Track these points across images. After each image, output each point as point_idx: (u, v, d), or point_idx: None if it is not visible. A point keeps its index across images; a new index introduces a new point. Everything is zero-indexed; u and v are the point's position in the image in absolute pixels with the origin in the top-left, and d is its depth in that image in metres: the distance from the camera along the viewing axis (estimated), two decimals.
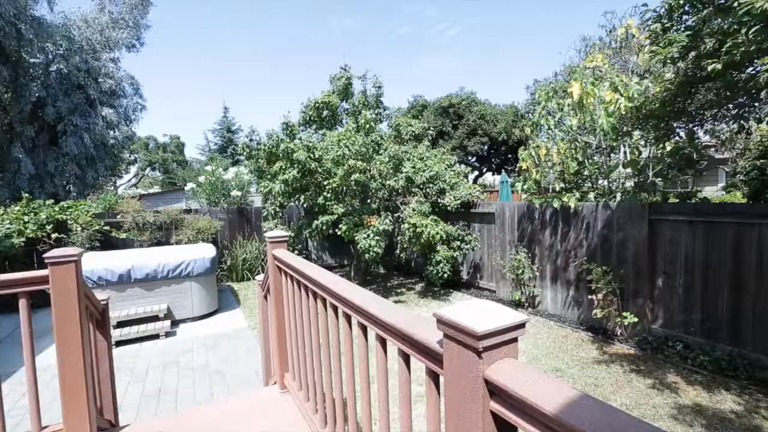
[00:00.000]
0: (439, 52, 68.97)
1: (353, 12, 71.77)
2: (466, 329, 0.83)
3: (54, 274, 1.93)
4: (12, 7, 11.35)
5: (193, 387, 4.25)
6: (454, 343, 0.88)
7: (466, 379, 0.87)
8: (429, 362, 1.04)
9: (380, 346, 1.31)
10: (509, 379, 0.78)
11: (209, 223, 8.54)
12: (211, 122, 49.26)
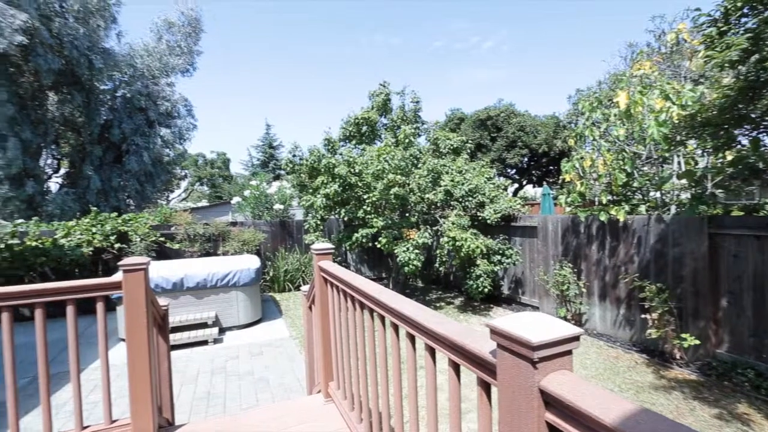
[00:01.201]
0: (475, 64, 68.78)
1: (389, 28, 73.45)
2: (520, 340, 0.84)
3: (126, 280, 2.13)
4: (86, 41, 12.67)
5: (240, 392, 4.41)
6: (507, 353, 0.90)
7: (520, 390, 0.88)
8: (481, 372, 1.06)
9: (429, 356, 1.33)
10: (566, 390, 0.79)
11: (253, 236, 8.92)
12: (254, 139, 51.76)
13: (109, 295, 2.25)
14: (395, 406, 1.65)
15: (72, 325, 2.12)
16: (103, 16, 13.85)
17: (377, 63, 78.45)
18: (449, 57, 71.18)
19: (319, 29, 75.66)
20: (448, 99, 79.91)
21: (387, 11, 68.70)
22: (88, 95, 13.45)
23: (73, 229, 8.42)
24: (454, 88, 71.10)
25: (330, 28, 74.70)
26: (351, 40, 78.06)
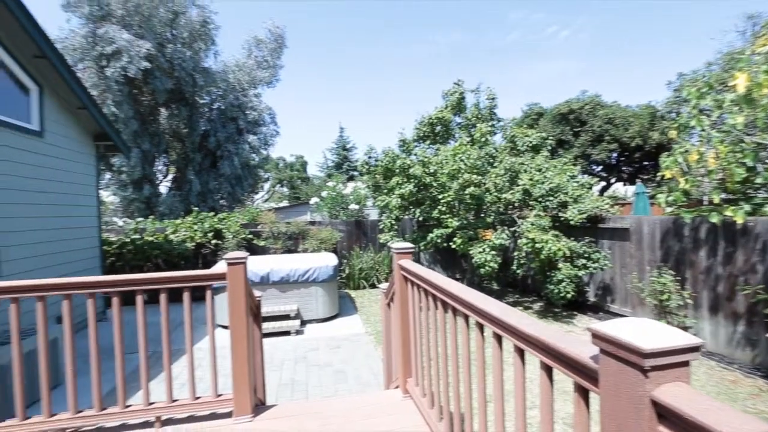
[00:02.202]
0: (552, 56, 64.32)
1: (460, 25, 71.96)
2: (629, 346, 0.79)
3: (230, 272, 2.40)
4: (191, 62, 14.38)
5: (320, 381, 4.68)
6: (612, 359, 0.85)
7: (627, 399, 0.83)
8: (579, 377, 1.01)
9: (518, 357, 1.31)
10: (686, 404, 0.73)
11: (330, 234, 9.38)
12: (329, 141, 54.35)
13: (213, 285, 2.55)
14: (479, 406, 1.64)
15: (188, 309, 2.44)
16: (203, 39, 15.65)
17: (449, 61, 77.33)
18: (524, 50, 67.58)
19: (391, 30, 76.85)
20: (524, 94, 76.01)
21: (458, 7, 67.36)
22: (191, 109, 15.28)
23: (180, 227, 9.63)
24: (530, 83, 67.31)
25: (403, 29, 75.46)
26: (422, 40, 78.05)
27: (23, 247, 5.47)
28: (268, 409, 2.66)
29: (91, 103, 6.86)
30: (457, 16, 66.81)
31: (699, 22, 44.94)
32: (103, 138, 7.61)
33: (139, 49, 12.44)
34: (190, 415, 2.55)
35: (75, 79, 6.43)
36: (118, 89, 12.87)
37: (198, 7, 15.36)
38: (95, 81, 12.61)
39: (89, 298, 2.32)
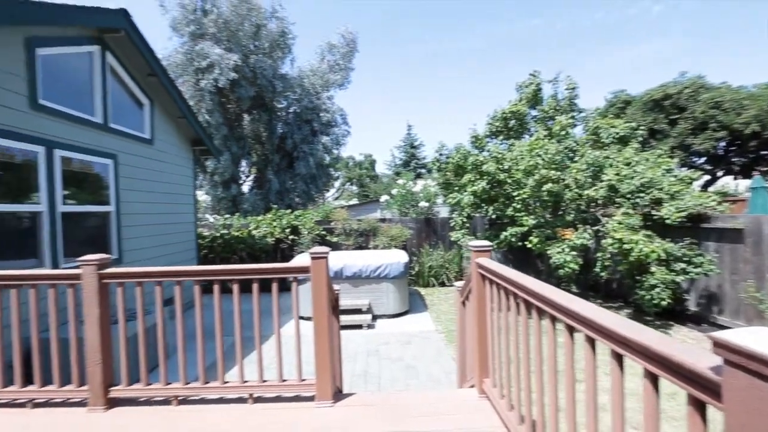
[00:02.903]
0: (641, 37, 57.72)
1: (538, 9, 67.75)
2: (765, 358, 0.71)
3: (314, 265, 2.56)
4: (271, 70, 15.45)
5: (392, 375, 4.78)
6: (742, 372, 0.77)
7: (760, 416, 0.74)
8: (694, 389, 0.92)
9: (615, 364, 1.22)
10: None
11: (400, 232, 9.49)
12: (396, 140, 54.81)
13: (290, 277, 2.74)
14: (567, 413, 1.56)
15: (276, 297, 2.65)
16: (281, 48, 16.72)
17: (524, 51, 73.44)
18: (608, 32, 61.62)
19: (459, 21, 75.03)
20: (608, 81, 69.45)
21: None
22: (270, 114, 16.43)
23: (261, 223, 10.44)
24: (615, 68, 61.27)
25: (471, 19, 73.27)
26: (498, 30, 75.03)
27: (139, 239, 6.36)
28: (346, 397, 2.79)
29: (189, 112, 7.73)
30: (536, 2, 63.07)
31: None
32: (199, 143, 8.52)
33: (228, 62, 13.69)
34: (277, 396, 2.77)
35: (177, 92, 7.29)
36: (210, 99, 14.31)
37: (277, 19, 16.44)
38: (192, 93, 14.15)
39: (195, 285, 2.64)
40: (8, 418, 2.60)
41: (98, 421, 2.54)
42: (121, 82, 6.18)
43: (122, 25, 5.71)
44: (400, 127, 49.58)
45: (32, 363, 2.72)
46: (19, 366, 2.75)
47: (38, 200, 4.53)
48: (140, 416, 2.59)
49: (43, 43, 4.63)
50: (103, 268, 2.63)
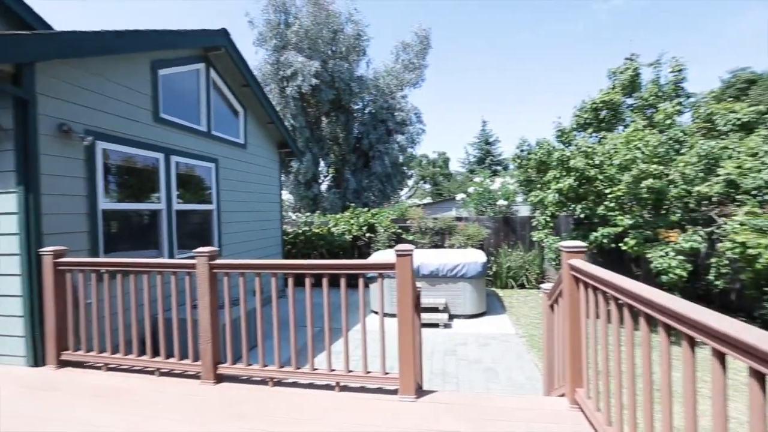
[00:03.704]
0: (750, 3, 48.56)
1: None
2: None
3: (399, 262, 2.62)
4: (348, 73, 16.05)
5: (470, 377, 4.69)
6: None
7: None
8: None
9: (755, 384, 1.07)
10: None
11: (477, 231, 9.25)
12: (470, 136, 53.36)
13: (376, 273, 2.82)
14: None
15: (362, 292, 2.77)
16: (357, 51, 17.28)
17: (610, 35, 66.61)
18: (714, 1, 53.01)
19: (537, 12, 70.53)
20: (723, 58, 59.89)
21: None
22: (347, 115, 17.09)
23: (340, 221, 10.91)
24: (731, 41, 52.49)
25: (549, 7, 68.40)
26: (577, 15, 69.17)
27: (235, 234, 7.05)
28: (428, 394, 2.81)
29: (277, 118, 8.35)
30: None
31: None
32: (284, 146, 9.17)
33: (309, 69, 14.55)
34: (362, 386, 2.89)
35: (267, 100, 7.93)
36: (294, 104, 15.33)
37: (353, 22, 17.03)
38: (278, 99, 15.28)
39: (289, 278, 2.86)
40: (141, 382, 3.08)
41: (209, 393, 2.89)
42: (220, 94, 6.90)
43: (223, 43, 6.37)
44: (475, 123, 48.12)
45: (158, 338, 3.19)
46: (150, 340, 3.24)
47: (159, 200, 5.27)
48: (242, 392, 2.88)
49: (163, 64, 5.36)
50: (213, 259, 2.97)
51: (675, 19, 61.19)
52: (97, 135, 4.24)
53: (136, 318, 3.27)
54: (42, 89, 3.68)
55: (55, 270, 3.40)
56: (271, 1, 15.76)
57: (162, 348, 3.19)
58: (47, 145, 3.70)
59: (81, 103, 4.10)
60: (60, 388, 3.06)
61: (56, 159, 3.80)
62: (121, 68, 4.65)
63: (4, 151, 3.57)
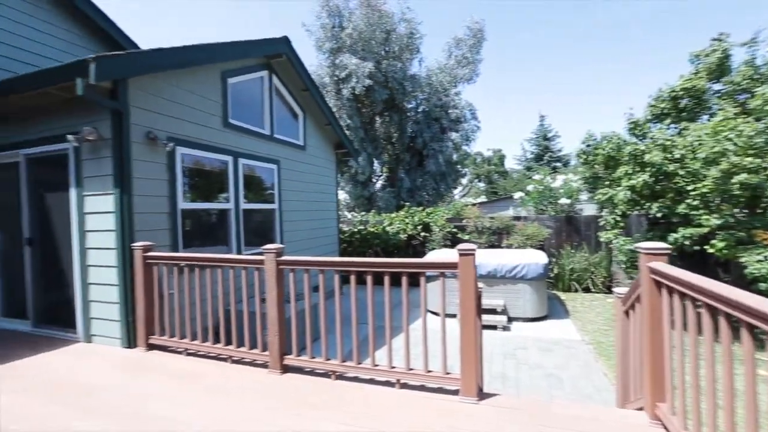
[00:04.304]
0: None
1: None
2: None
3: (462, 262, 2.58)
4: (401, 73, 16.10)
5: (531, 382, 4.50)
6: None
7: None
8: None
9: None
10: None
11: (537, 231, 8.83)
12: (527, 132, 50.98)
13: (437, 273, 2.80)
14: None
15: (423, 291, 2.76)
16: (410, 50, 17.26)
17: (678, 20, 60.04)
18: None
19: None
20: None
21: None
22: (401, 115, 17.13)
23: (394, 220, 10.98)
24: None
25: None
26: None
27: (295, 232, 7.37)
28: (490, 397, 2.74)
29: (334, 120, 8.59)
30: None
31: None
32: (340, 147, 9.41)
33: (363, 70, 14.80)
34: (422, 385, 2.89)
35: (324, 103, 8.19)
36: (348, 105, 15.68)
37: (406, 21, 17.02)
38: (333, 101, 15.72)
39: (351, 275, 2.94)
40: (216, 368, 3.33)
41: (276, 382, 3.05)
42: (281, 98, 7.25)
43: (284, 50, 6.68)
44: (532, 118, 45.80)
45: (230, 328, 3.43)
46: (223, 329, 3.49)
47: (228, 200, 5.66)
48: (307, 384, 3.01)
49: (231, 74, 5.75)
50: (279, 256, 3.14)
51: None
52: (177, 141, 4.64)
53: (211, 309, 3.55)
54: (133, 101, 4.11)
55: (144, 263, 3.79)
56: (324, 7, 16.24)
57: (234, 337, 3.43)
58: (137, 151, 4.13)
59: (163, 112, 4.52)
60: (150, 368, 3.40)
61: (144, 164, 4.22)
62: (196, 79, 5.05)
63: (104, 158, 4.04)
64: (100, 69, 3.51)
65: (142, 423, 2.51)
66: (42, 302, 4.68)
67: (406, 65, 17.09)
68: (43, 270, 4.65)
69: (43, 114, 4.38)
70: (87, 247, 4.18)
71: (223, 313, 3.50)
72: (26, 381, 3.20)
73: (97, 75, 3.49)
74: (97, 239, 4.11)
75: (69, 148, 4.21)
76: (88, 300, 4.19)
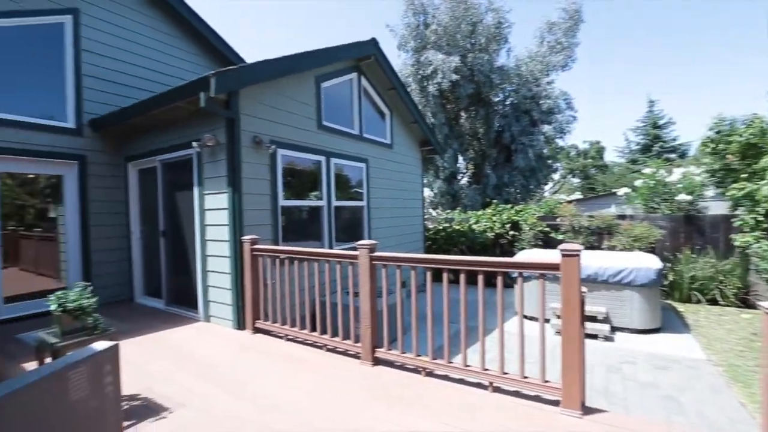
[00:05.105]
0: None
1: None
2: None
3: (564, 263, 2.38)
4: (488, 65, 15.48)
5: (642, 403, 3.99)
6: None
7: None
8: None
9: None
10: None
11: (647, 231, 7.80)
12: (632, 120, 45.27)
13: (535, 273, 2.61)
14: None
15: (519, 291, 2.61)
16: (497, 40, 16.50)
17: None
18: None
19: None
20: None
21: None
22: (487, 109, 16.48)
23: (480, 218, 10.62)
24: None
25: None
26: None
27: (382, 229, 7.55)
28: (597, 412, 2.49)
29: (420, 117, 8.60)
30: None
31: None
32: (426, 144, 9.38)
33: (449, 65, 14.55)
34: (516, 391, 2.74)
35: (411, 101, 8.24)
36: (433, 102, 15.57)
37: (493, 11, 16.29)
38: (418, 99, 15.73)
39: (444, 272, 2.90)
40: (313, 354, 3.56)
41: (368, 373, 3.15)
42: (369, 99, 7.47)
43: (372, 51, 6.86)
44: (638, 104, 40.48)
45: (325, 318, 3.63)
46: (319, 319, 3.72)
47: (320, 197, 6.01)
48: (397, 378, 3.06)
49: (324, 78, 6.09)
50: (372, 252, 3.23)
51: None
52: (277, 143, 5.06)
53: (308, 299, 3.81)
54: (242, 109, 4.59)
55: (251, 255, 4.21)
56: (410, 6, 16.29)
57: (329, 327, 3.63)
58: (246, 154, 4.60)
59: (266, 118, 4.96)
60: (256, 349, 3.78)
61: (251, 165, 4.69)
62: (293, 85, 5.45)
63: (219, 161, 4.58)
64: (218, 83, 3.98)
65: (251, 397, 2.79)
66: (172, 285, 5.49)
67: (492, 57, 16.38)
68: (173, 258, 5.46)
69: (172, 125, 5.13)
70: (206, 239, 4.78)
71: (319, 304, 3.73)
72: (161, 350, 3.78)
73: (216, 88, 3.97)
74: (214, 232, 4.68)
75: (193, 153, 4.87)
76: (207, 285, 4.80)
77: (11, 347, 3.81)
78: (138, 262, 6.06)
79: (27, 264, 5.44)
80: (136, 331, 4.40)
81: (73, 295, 2.62)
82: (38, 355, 2.67)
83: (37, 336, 2.66)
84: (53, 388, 1.41)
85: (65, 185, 5.60)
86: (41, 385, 1.36)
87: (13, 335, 3.50)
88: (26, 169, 5.29)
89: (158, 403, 2.70)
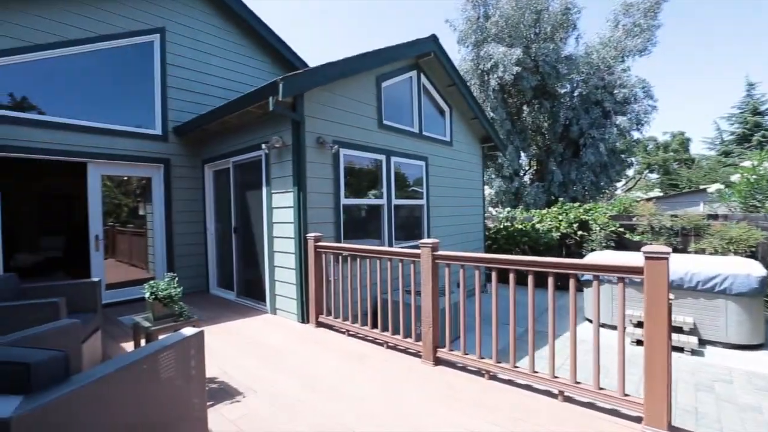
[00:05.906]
0: None
1: None
2: None
3: (648, 266, 2.16)
4: (554, 54, 14.60)
5: (741, 427, 3.51)
6: None
7: None
8: None
9: None
10: None
11: (746, 233, 6.85)
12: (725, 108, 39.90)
13: (614, 277, 2.40)
14: None
15: (595, 296, 2.42)
16: (564, 27, 15.50)
17: None
18: None
19: None
20: None
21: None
22: (553, 101, 15.55)
23: (545, 217, 10.07)
24: None
25: None
26: None
27: (442, 228, 7.45)
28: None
29: (481, 113, 8.34)
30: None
31: None
32: (486, 140, 9.07)
33: (510, 58, 13.94)
34: (590, 402, 2.55)
35: (471, 97, 8.01)
36: (494, 97, 15.02)
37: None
38: (477, 94, 15.28)
39: (512, 273, 2.78)
40: (374, 351, 3.60)
41: (430, 372, 3.12)
42: (429, 96, 7.39)
43: (432, 48, 6.78)
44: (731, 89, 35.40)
45: (386, 315, 3.66)
46: (380, 316, 3.76)
47: (380, 196, 6.07)
48: (459, 380, 2.99)
49: (384, 77, 6.13)
50: (435, 250, 3.19)
51: None
52: (339, 143, 5.19)
53: (370, 296, 3.86)
54: (307, 111, 4.77)
55: (315, 251, 4.36)
56: None
57: (390, 324, 3.65)
58: (310, 154, 4.78)
59: (328, 119, 5.11)
60: (320, 342, 3.92)
61: (315, 165, 4.86)
62: (354, 86, 5.55)
63: (285, 161, 4.81)
64: (285, 87, 4.18)
65: (316, 386, 2.89)
66: (242, 278, 5.88)
67: (559, 45, 15.41)
68: (243, 253, 5.84)
69: (243, 129, 5.48)
70: (273, 235, 5.06)
71: (381, 301, 3.77)
72: (233, 338, 4.07)
73: (284, 92, 4.17)
74: (281, 230, 4.93)
75: (262, 155, 5.17)
76: (274, 279, 5.07)
77: (114, 329, 4.33)
78: (213, 256, 6.58)
79: (122, 256, 6.16)
80: (210, 319, 4.78)
81: (163, 284, 2.91)
82: (135, 337, 3.00)
83: (133, 320, 2.99)
84: (151, 367, 1.57)
85: (153, 186, 6.25)
86: (142, 364, 1.52)
87: (115, 317, 3.97)
88: (122, 172, 5.98)
89: (233, 387, 2.91)
